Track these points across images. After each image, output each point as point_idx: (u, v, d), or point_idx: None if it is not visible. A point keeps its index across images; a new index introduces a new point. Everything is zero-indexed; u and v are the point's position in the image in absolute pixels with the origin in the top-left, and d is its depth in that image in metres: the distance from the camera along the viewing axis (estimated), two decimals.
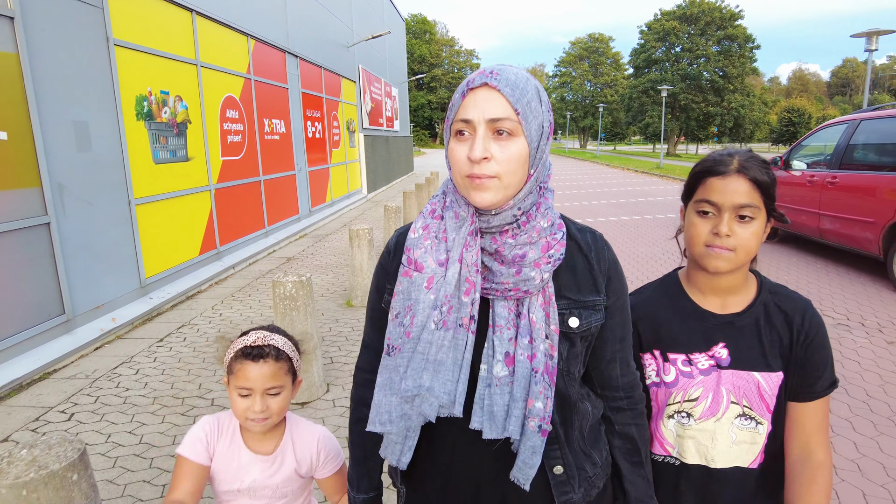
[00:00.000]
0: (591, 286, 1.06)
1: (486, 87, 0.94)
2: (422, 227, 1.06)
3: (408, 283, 1.03)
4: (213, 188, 7.07)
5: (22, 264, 4.17)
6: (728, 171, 1.11)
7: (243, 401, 1.30)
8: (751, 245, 1.11)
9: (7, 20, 4.03)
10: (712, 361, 1.18)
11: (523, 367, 0.98)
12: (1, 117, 3.96)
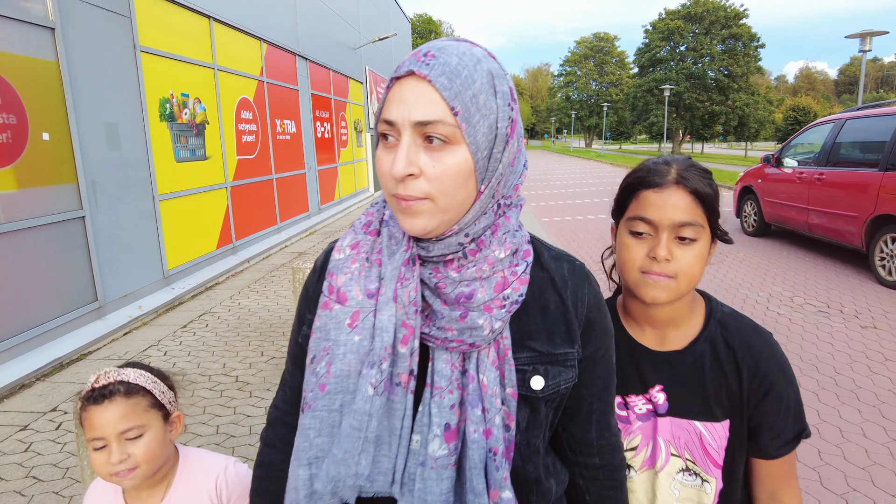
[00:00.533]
0: (564, 334, 0.81)
1: (413, 76, 0.69)
2: (349, 245, 0.82)
3: (326, 318, 0.79)
4: (229, 186, 7.45)
5: (60, 254, 4.54)
6: (665, 182, 0.92)
7: (99, 454, 1.06)
8: (694, 271, 0.92)
9: (49, 31, 4.41)
10: (650, 406, 1.00)
11: (478, 447, 0.75)
12: (44, 119, 4.34)
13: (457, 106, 0.67)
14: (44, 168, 4.36)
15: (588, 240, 9.06)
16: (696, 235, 0.92)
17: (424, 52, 0.70)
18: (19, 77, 4.11)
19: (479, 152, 0.71)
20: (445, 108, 0.67)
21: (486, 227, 0.76)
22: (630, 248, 0.96)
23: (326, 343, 0.78)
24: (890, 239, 5.69)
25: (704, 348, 0.99)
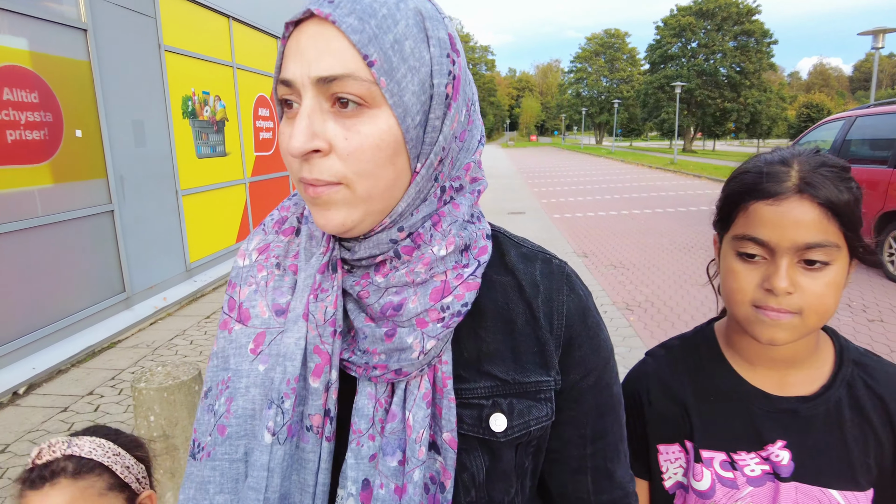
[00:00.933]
0: (535, 356, 0.63)
1: (314, 18, 0.53)
2: (256, 248, 0.65)
3: (225, 341, 0.63)
4: (247, 181, 7.63)
5: (92, 247, 4.73)
6: (784, 190, 0.70)
7: None
8: (825, 304, 0.70)
9: (81, 32, 4.59)
10: (767, 467, 0.78)
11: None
12: (77, 117, 4.53)
13: (372, 54, 0.50)
14: (77, 164, 4.55)
15: (600, 237, 9.17)
16: (829, 258, 0.69)
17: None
18: (55, 76, 4.30)
19: (409, 117, 0.53)
20: (357, 58, 0.50)
21: (426, 217, 0.59)
22: (738, 276, 0.73)
23: (225, 374, 0.61)
24: None
25: (841, 393, 0.76)
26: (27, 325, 4.07)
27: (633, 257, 7.52)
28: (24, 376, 3.87)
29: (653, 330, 4.73)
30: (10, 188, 3.94)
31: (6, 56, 3.90)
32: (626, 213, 11.61)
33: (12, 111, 3.93)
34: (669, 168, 24.66)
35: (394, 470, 0.57)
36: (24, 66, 4.04)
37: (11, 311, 3.94)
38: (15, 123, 3.95)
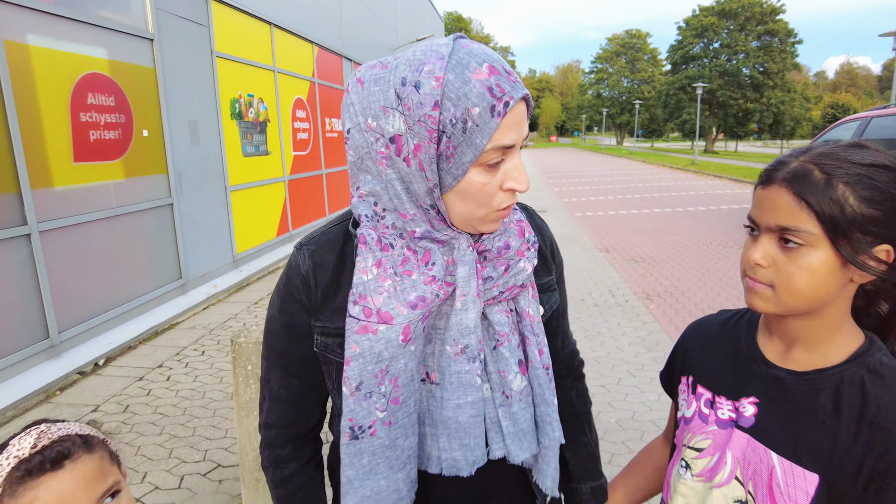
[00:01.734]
0: (543, 267, 0.95)
1: (524, 101, 0.74)
2: (374, 264, 0.79)
3: (371, 342, 0.77)
4: (286, 179, 8.09)
5: (154, 236, 5.20)
6: (775, 178, 0.78)
7: None
8: (798, 283, 0.75)
9: (148, 41, 5.06)
10: (734, 415, 0.87)
11: (539, 369, 0.87)
12: (144, 118, 5.00)
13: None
14: (143, 160, 5.02)
15: (621, 233, 9.47)
16: (806, 242, 0.74)
17: (508, 70, 0.72)
18: (127, 82, 4.77)
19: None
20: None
21: None
22: (743, 248, 0.83)
23: (380, 365, 0.77)
24: None
25: (832, 382, 0.78)
26: (103, 305, 4.54)
27: (653, 252, 7.82)
28: (102, 350, 4.33)
29: (671, 317, 5.05)
30: (93, 182, 4.41)
31: (90, 64, 4.38)
32: (647, 212, 11.87)
33: (94, 113, 4.40)
34: (690, 168, 24.72)
35: (535, 342, 0.87)
36: (104, 73, 4.52)
37: (91, 292, 4.41)
38: (96, 124, 4.42)
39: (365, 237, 0.80)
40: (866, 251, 0.73)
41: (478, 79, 0.68)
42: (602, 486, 1.09)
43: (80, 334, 4.26)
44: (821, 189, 0.72)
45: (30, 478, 0.69)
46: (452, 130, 0.69)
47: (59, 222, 4.05)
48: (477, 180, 0.73)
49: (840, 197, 0.71)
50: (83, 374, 4.14)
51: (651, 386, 3.68)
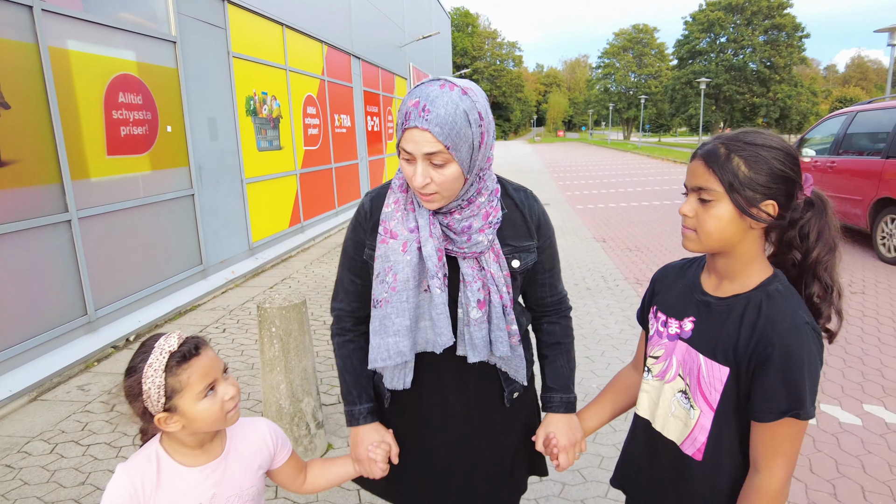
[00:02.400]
0: (525, 234, 1.30)
1: (417, 129, 1.07)
2: (393, 202, 1.23)
3: (385, 248, 1.21)
4: (298, 173, 8.50)
5: (178, 225, 5.62)
6: (694, 155, 1.11)
7: (208, 400, 1.07)
8: (709, 227, 1.05)
9: (171, 44, 5.47)
10: (678, 330, 1.17)
11: (497, 305, 1.24)
12: (168, 115, 5.41)
13: (447, 142, 1.08)
14: (167, 154, 5.43)
15: (619, 225, 9.81)
16: (711, 198, 1.03)
17: (422, 106, 1.07)
18: (153, 81, 5.18)
19: (464, 162, 1.13)
20: (441, 146, 1.08)
21: (472, 192, 1.21)
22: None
23: (388, 263, 1.21)
24: (890, 219, 6.32)
25: (738, 304, 1.07)
26: (133, 286, 4.96)
27: (648, 242, 8.16)
28: (132, 327, 4.75)
29: None
30: (123, 173, 4.83)
31: (121, 66, 4.79)
32: (646, 205, 12.19)
33: (125, 111, 4.81)
34: None
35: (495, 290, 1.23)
36: (133, 74, 4.93)
37: (123, 274, 4.83)
38: (126, 121, 4.84)
39: (392, 184, 1.26)
40: (755, 204, 1.01)
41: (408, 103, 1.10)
42: (571, 399, 1.39)
43: (114, 312, 4.68)
44: (722, 161, 1.02)
45: (184, 361, 1.04)
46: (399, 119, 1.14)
47: (95, 210, 4.47)
48: (402, 163, 1.17)
49: (735, 166, 1.01)
50: (116, 348, 4.56)
51: (631, 357, 4.05)
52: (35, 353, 3.93)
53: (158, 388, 1.02)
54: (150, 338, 1.08)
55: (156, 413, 1.05)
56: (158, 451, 1.12)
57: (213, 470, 1.14)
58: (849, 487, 2.59)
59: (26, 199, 3.88)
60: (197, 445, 1.13)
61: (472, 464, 1.37)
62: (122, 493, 1.07)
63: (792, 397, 0.99)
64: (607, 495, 2.53)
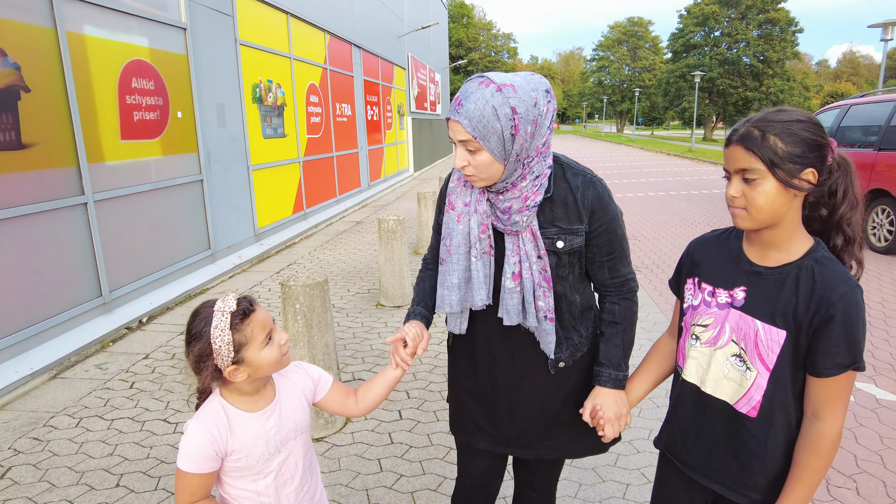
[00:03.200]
0: (575, 217, 1.38)
1: (451, 120, 1.28)
2: (456, 178, 1.45)
3: (447, 217, 1.45)
4: (301, 160, 8.57)
5: (188, 209, 5.70)
6: (730, 140, 1.17)
7: (270, 347, 1.21)
8: (759, 203, 1.12)
9: (181, 30, 5.53)
10: (729, 299, 1.23)
11: (529, 281, 1.38)
12: (178, 101, 5.48)
13: (475, 133, 1.24)
14: (178, 140, 5.50)
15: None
16: (756, 176, 1.11)
17: (459, 101, 1.26)
18: (164, 67, 5.24)
19: (495, 151, 1.27)
20: (469, 136, 1.25)
21: (516, 177, 1.33)
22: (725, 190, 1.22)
23: (448, 230, 1.44)
24: (880, 210, 6.51)
25: (793, 271, 1.15)
26: (146, 269, 5.05)
27: (645, 231, 8.32)
28: (145, 309, 4.85)
29: (656, 285, 5.57)
30: (136, 158, 4.91)
31: (134, 52, 4.86)
32: (642, 195, 12.35)
33: (138, 96, 4.89)
34: (687, 155, 25.11)
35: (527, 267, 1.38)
36: (145, 60, 4.99)
37: (136, 256, 4.92)
38: (139, 106, 4.91)
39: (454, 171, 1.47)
40: (797, 175, 1.10)
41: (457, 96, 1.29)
42: (620, 376, 1.46)
43: (128, 293, 4.77)
44: (759, 141, 1.10)
45: (245, 317, 1.16)
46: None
47: (110, 193, 4.55)
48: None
49: (772, 144, 1.09)
50: (130, 329, 4.66)
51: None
52: (53, 332, 4.02)
53: (228, 344, 1.13)
54: (205, 304, 1.19)
55: (225, 368, 1.16)
56: (223, 402, 1.24)
57: (272, 412, 1.27)
58: (843, 457, 2.75)
59: (45, 182, 3.96)
60: (254, 392, 1.25)
61: (513, 408, 1.51)
62: (203, 440, 1.18)
63: (853, 353, 1.09)
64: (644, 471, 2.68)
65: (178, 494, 1.20)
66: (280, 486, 1.29)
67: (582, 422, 1.50)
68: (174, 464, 2.76)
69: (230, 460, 1.22)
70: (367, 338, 4.34)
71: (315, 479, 1.41)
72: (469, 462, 1.65)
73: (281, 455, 1.28)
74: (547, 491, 1.69)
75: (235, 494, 1.27)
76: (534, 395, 1.50)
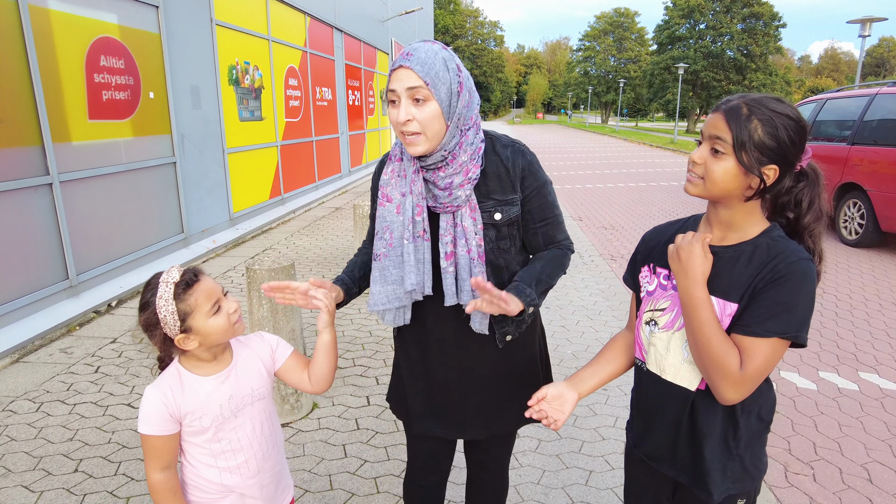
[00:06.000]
0: (509, 188, 1.40)
1: (402, 67, 1.24)
2: (390, 170, 1.42)
3: (382, 211, 1.41)
4: (279, 144, 8.46)
5: (159, 192, 5.60)
6: (718, 108, 1.13)
7: (218, 316, 1.22)
8: (716, 177, 1.11)
9: (154, 8, 5.39)
10: None
11: (464, 258, 1.37)
12: (150, 81, 5.35)
13: (427, 79, 1.24)
14: (149, 121, 5.38)
15: (595, 205, 10.00)
16: (723, 150, 1.09)
17: (406, 52, 1.27)
18: (135, 46, 5.11)
19: (443, 103, 1.27)
20: (421, 81, 1.24)
21: (456, 144, 1.32)
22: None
23: (385, 223, 1.41)
24: (852, 204, 6.61)
25: (748, 248, 1.13)
26: (115, 252, 4.95)
27: (622, 221, 8.37)
28: (114, 293, 4.76)
29: None
30: (105, 139, 4.79)
31: (102, 29, 4.72)
32: (622, 186, 12.42)
33: (106, 75, 4.76)
34: (669, 147, 25.30)
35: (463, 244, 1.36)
36: (115, 38, 4.86)
37: (105, 239, 4.82)
38: (108, 85, 4.78)
39: (391, 154, 1.44)
40: (759, 166, 1.08)
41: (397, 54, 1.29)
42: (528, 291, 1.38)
43: (96, 277, 4.68)
44: (742, 119, 1.08)
45: (188, 287, 1.19)
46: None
47: (77, 174, 4.44)
48: (389, 111, 1.32)
49: (752, 127, 1.07)
50: (98, 313, 4.57)
51: (605, 327, 4.23)
52: (17, 315, 3.93)
53: (172, 314, 1.18)
54: (154, 276, 1.22)
55: (174, 336, 1.20)
56: (178, 367, 1.28)
57: (227, 376, 1.30)
58: (802, 444, 2.80)
59: (6, 161, 3.85)
60: (211, 358, 1.29)
61: (466, 389, 1.51)
62: (156, 401, 1.23)
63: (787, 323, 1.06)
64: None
65: (146, 461, 1.25)
66: (238, 449, 1.31)
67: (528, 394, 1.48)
68: (135, 448, 2.72)
69: (186, 423, 1.26)
70: (340, 323, 4.31)
71: (279, 453, 1.42)
72: (419, 446, 1.65)
73: (237, 420, 1.30)
74: (499, 470, 1.69)
75: (195, 462, 1.30)
76: (486, 373, 1.51)
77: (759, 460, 1.23)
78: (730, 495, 1.21)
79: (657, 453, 1.30)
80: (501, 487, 1.74)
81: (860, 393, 3.31)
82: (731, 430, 1.19)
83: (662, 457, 1.29)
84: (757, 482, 1.24)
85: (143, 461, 1.24)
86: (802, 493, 2.43)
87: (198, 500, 1.32)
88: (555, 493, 2.39)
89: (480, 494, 1.74)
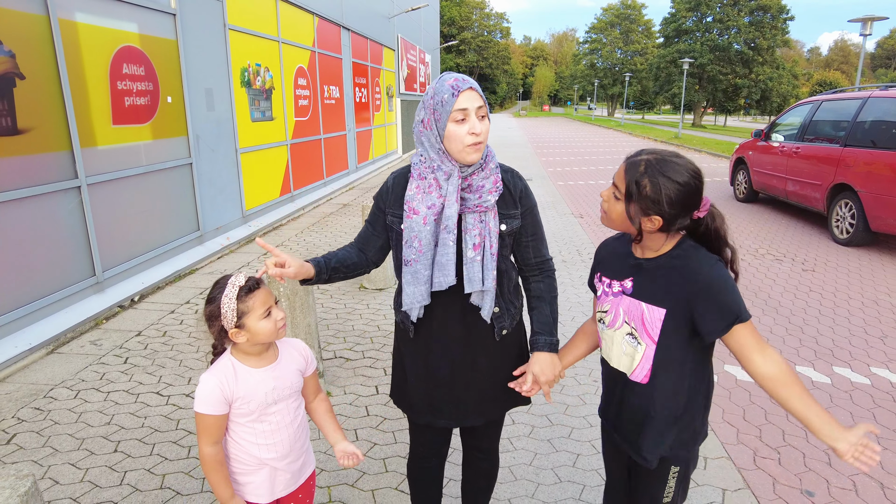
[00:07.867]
0: (511, 204, 1.68)
1: (471, 89, 1.52)
2: (415, 187, 1.62)
3: (410, 222, 1.60)
4: (289, 143, 8.72)
5: (177, 192, 5.88)
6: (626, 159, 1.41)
7: (267, 321, 1.45)
8: (613, 216, 1.43)
9: (171, 16, 5.65)
10: (621, 288, 1.49)
11: (489, 252, 1.61)
12: (168, 86, 5.62)
13: (485, 100, 1.56)
14: (167, 124, 5.66)
15: (596, 200, 10.20)
16: (618, 196, 1.40)
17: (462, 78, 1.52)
18: (154, 53, 5.38)
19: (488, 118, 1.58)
20: (482, 101, 1.55)
21: (486, 153, 1.61)
22: None
23: (413, 233, 1.60)
24: (843, 204, 6.81)
25: (664, 261, 1.42)
26: (137, 250, 5.25)
27: None
28: (137, 288, 5.06)
29: None
30: (127, 142, 5.07)
31: (125, 38, 4.99)
32: None
33: (129, 82, 5.03)
34: (673, 142, 25.35)
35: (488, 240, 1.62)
36: (136, 46, 5.13)
37: (127, 237, 5.11)
38: (130, 91, 5.06)
39: (413, 173, 1.65)
40: (642, 216, 1.36)
41: (447, 83, 1.51)
42: (554, 341, 1.71)
43: (120, 273, 4.97)
44: (637, 175, 1.35)
45: (250, 292, 1.44)
46: (435, 106, 1.53)
47: (102, 177, 4.73)
48: (453, 129, 1.53)
49: (643, 183, 1.33)
50: (122, 307, 4.87)
51: None
52: (49, 310, 4.23)
53: (232, 311, 1.42)
54: (223, 277, 1.48)
55: (229, 329, 1.44)
56: (231, 358, 1.52)
57: (273, 369, 1.55)
58: (771, 432, 3.06)
59: (40, 166, 4.13)
60: (257, 354, 1.53)
61: (466, 382, 1.76)
62: (213, 387, 1.47)
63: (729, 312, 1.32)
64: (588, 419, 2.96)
65: (199, 436, 1.49)
66: (275, 430, 1.56)
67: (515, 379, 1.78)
68: (167, 432, 3.01)
69: (235, 406, 1.49)
70: (349, 318, 4.59)
71: (305, 436, 1.68)
72: (422, 435, 1.91)
73: (276, 406, 1.55)
74: (491, 450, 1.96)
75: (239, 440, 1.55)
76: (486, 364, 1.75)
77: (696, 432, 1.51)
78: (663, 458, 1.50)
79: (611, 424, 1.63)
80: (494, 465, 2.01)
81: (832, 386, 3.56)
82: (666, 408, 1.47)
83: (614, 428, 1.61)
84: (692, 451, 1.52)
85: (196, 436, 1.49)
86: (767, 474, 2.70)
87: (239, 470, 1.58)
88: (545, 473, 2.66)
89: (475, 472, 2.02)
